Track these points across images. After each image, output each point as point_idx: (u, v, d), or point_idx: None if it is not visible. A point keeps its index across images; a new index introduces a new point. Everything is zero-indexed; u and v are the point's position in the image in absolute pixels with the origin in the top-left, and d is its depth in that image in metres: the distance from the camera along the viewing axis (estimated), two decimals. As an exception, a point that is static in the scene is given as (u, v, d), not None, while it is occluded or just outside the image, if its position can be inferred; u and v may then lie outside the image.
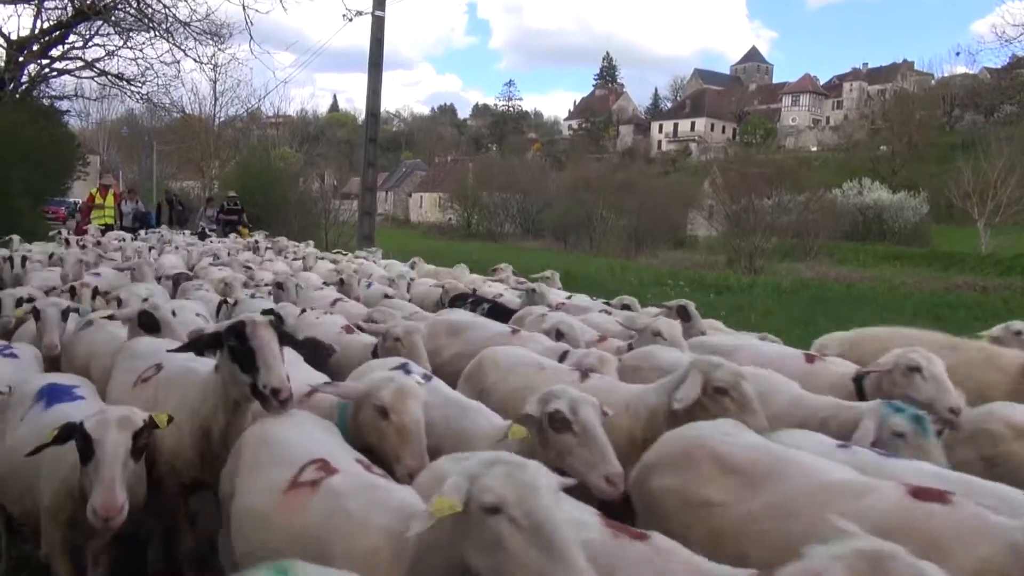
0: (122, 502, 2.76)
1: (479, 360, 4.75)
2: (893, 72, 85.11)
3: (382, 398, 3.24)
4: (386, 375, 3.49)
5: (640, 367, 4.78)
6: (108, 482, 2.78)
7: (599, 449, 3.01)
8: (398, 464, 3.13)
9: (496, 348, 4.87)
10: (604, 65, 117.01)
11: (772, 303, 15.82)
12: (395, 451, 3.17)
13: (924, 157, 61.19)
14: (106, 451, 2.83)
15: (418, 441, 3.16)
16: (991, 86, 65.34)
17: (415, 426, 3.19)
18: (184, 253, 12.46)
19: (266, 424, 3.20)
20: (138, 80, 21.04)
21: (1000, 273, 30.88)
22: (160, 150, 49.33)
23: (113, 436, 2.86)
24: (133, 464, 2.95)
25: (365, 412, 3.34)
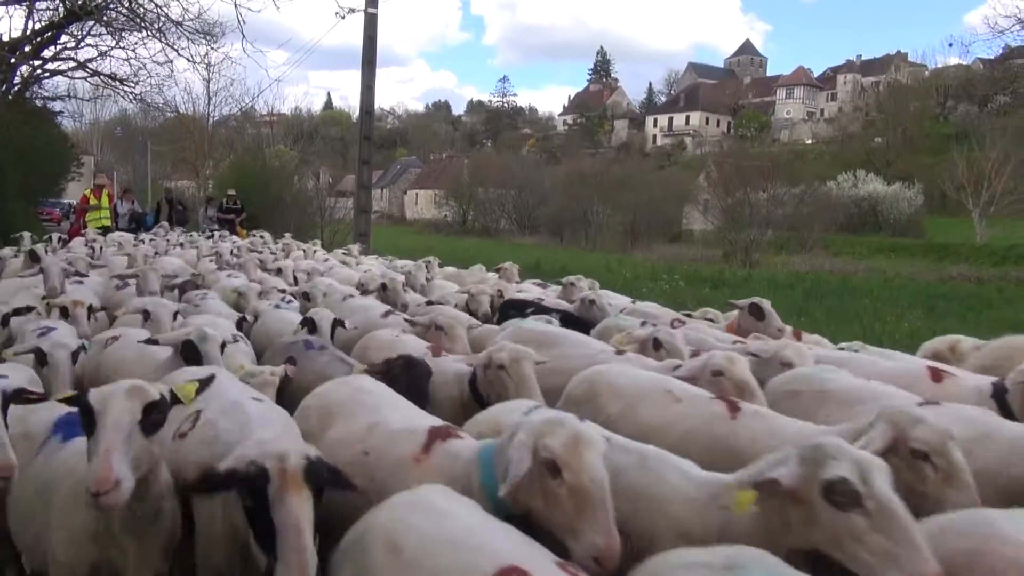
0: (119, 476, 2.35)
1: (589, 384, 3.92)
2: (887, 64, 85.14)
3: (552, 449, 2.45)
4: (551, 416, 2.66)
5: (800, 392, 3.93)
6: (103, 452, 2.38)
7: (903, 535, 2.16)
8: (576, 541, 2.38)
9: (608, 369, 4.07)
10: (598, 60, 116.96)
11: (768, 296, 15.82)
12: (570, 523, 2.40)
13: (918, 148, 61.29)
14: (107, 418, 2.46)
15: (603, 509, 2.39)
16: (984, 77, 65.41)
17: (598, 488, 2.41)
18: (191, 252, 11.81)
19: (393, 524, 2.29)
20: (131, 80, 20.96)
21: (995, 264, 31.01)
22: (154, 150, 49.18)
23: (119, 403, 2.50)
24: (143, 440, 2.53)
25: None
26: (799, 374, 4.11)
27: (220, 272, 8.98)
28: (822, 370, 4.09)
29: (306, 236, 20.93)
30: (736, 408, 3.45)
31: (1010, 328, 11.60)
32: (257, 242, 13.42)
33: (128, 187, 25.28)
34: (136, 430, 2.50)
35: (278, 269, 9.51)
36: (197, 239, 14.50)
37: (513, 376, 3.93)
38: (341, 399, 3.43)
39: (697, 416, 3.45)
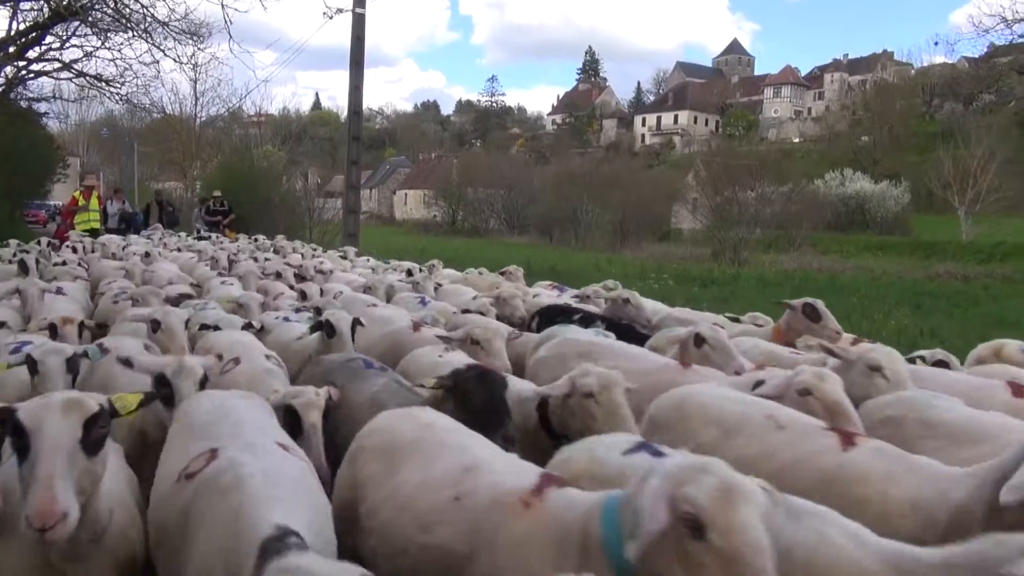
0: (65, 507, 2.06)
1: (677, 407, 3.44)
2: (873, 62, 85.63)
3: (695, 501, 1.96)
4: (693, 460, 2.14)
5: (903, 419, 3.34)
6: (45, 480, 2.08)
7: None
8: None
9: (698, 391, 3.56)
10: (587, 59, 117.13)
11: (756, 295, 15.92)
12: None
13: (905, 147, 61.69)
14: (44, 441, 2.15)
15: None
16: (970, 75, 65.90)
17: (755, 555, 1.89)
18: (186, 256, 11.34)
19: None
20: (117, 81, 20.79)
21: (980, 261, 31.27)
22: (141, 151, 48.89)
23: (55, 421, 2.18)
24: (86, 460, 2.22)
25: None
26: (903, 398, 3.52)
27: (217, 279, 8.60)
28: (932, 395, 3.50)
29: (294, 237, 20.82)
30: (851, 441, 2.91)
31: (997, 325, 11.73)
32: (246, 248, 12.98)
33: (118, 187, 25.03)
34: (78, 450, 2.19)
35: (277, 273, 8.95)
36: (193, 243, 14.22)
37: (604, 405, 3.40)
38: (410, 436, 2.93)
39: (803, 447, 2.95)
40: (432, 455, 2.78)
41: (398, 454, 2.85)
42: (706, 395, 3.48)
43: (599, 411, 3.39)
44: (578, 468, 2.73)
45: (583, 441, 3.03)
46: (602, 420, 3.37)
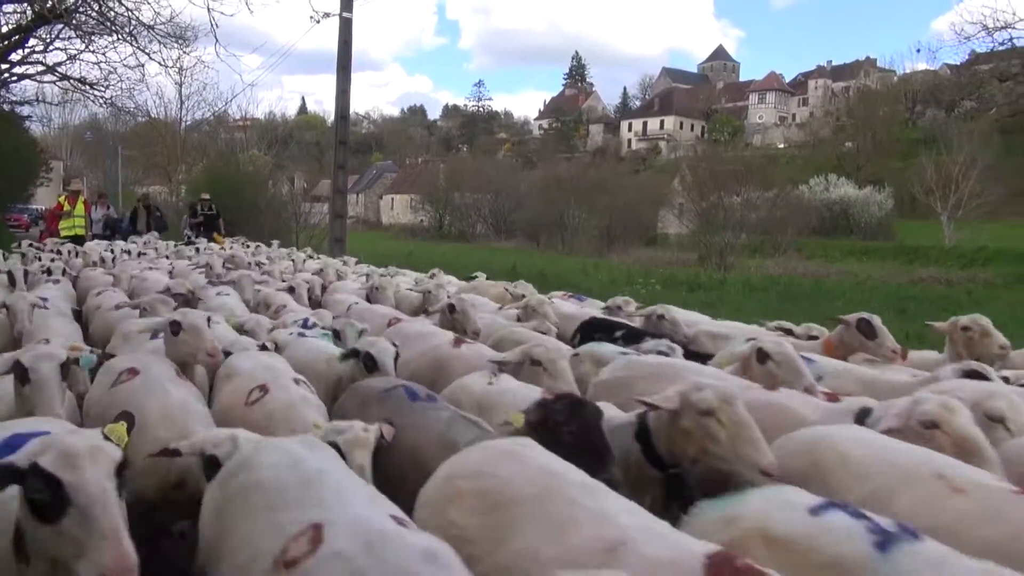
0: (135, 560, 1.92)
1: (812, 455, 2.87)
2: (856, 69, 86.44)
3: None
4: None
5: None
6: (113, 534, 1.91)
7: None
8: None
9: (837, 434, 2.97)
10: (573, 64, 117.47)
11: (743, 299, 16.01)
12: None
13: (888, 152, 62.27)
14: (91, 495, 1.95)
15: None
16: (951, 82, 66.58)
17: None
18: (180, 266, 10.56)
19: None
20: (101, 84, 20.61)
21: (963, 266, 31.61)
22: (125, 155, 48.59)
23: (93, 472, 1.99)
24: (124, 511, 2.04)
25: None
26: None
27: (211, 288, 7.84)
28: None
29: (281, 241, 20.79)
30: None
31: (979, 329, 11.83)
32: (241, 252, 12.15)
33: (102, 191, 24.72)
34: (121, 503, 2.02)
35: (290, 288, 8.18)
36: (181, 249, 13.71)
37: (728, 424, 2.85)
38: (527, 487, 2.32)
39: (998, 521, 2.29)
40: (562, 520, 2.19)
41: (512, 509, 2.28)
42: (848, 441, 2.86)
43: (723, 432, 2.85)
44: (747, 532, 2.21)
45: (742, 496, 2.42)
46: (728, 443, 2.84)
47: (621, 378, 4.21)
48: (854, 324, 5.18)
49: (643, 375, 4.09)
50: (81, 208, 16.21)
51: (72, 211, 15.94)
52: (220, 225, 18.97)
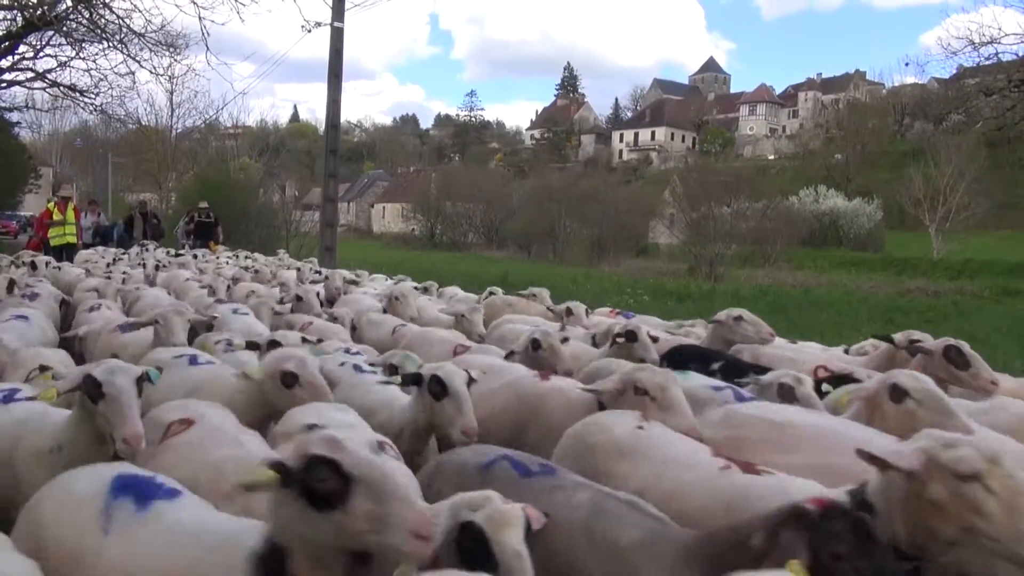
0: None
1: None
2: (846, 82, 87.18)
3: None
4: None
5: None
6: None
7: None
8: None
9: None
10: (565, 75, 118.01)
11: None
12: None
13: (877, 164, 62.72)
14: None
15: None
16: (939, 96, 67.21)
17: None
18: (179, 279, 9.69)
19: None
20: (91, 91, 20.53)
21: (951, 277, 31.85)
22: (115, 162, 48.41)
23: None
24: None
25: None
26: None
27: (226, 306, 6.82)
28: None
29: (271, 249, 20.75)
30: None
31: (966, 341, 11.93)
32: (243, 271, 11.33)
33: (93, 198, 24.49)
34: None
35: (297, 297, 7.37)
36: (185, 259, 13.00)
37: (1001, 491, 2.06)
38: None
39: None
40: None
41: None
42: None
43: (993, 504, 2.05)
44: None
45: None
46: (1001, 520, 2.04)
47: (732, 438, 3.21)
48: (940, 353, 4.30)
49: (757, 433, 3.17)
50: (72, 215, 15.66)
51: (64, 218, 15.36)
52: (218, 233, 18.59)
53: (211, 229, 18.48)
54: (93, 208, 18.96)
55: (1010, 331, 13.42)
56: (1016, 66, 20.44)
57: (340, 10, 17.35)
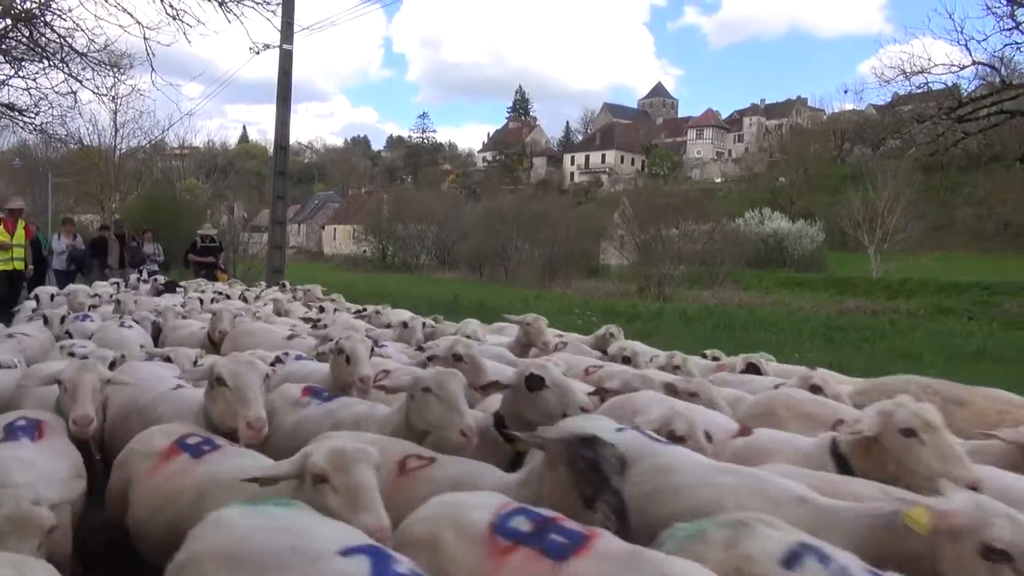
0: None
1: None
2: (788, 108, 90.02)
3: None
4: None
5: None
6: None
7: None
8: None
9: None
10: (517, 98, 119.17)
11: (680, 329, 16.36)
12: None
13: (819, 187, 64.71)
14: None
15: None
16: (876, 122, 69.84)
17: None
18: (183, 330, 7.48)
19: None
20: (31, 111, 19.95)
21: (889, 297, 32.94)
22: (55, 182, 47.12)
23: None
24: None
25: None
26: None
27: None
28: None
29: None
30: None
31: (901, 358, 12.37)
32: None
33: (68, 216, 21.48)
34: None
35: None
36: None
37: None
38: None
39: None
40: None
41: None
42: None
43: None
44: None
45: None
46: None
47: None
48: None
49: None
50: (22, 235, 12.52)
51: (10, 240, 12.26)
52: (221, 260, 17.23)
53: (216, 255, 16.96)
54: (67, 229, 16.25)
55: (941, 348, 13.94)
56: (945, 95, 21.32)
57: (289, 33, 17.32)
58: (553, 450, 2.59)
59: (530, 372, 3.56)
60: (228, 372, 3.40)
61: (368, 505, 2.38)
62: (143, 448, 3.28)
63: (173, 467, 3.09)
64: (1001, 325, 21.74)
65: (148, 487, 3.10)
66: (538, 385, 3.52)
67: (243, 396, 3.33)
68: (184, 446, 3.17)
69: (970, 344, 14.81)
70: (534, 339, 6.53)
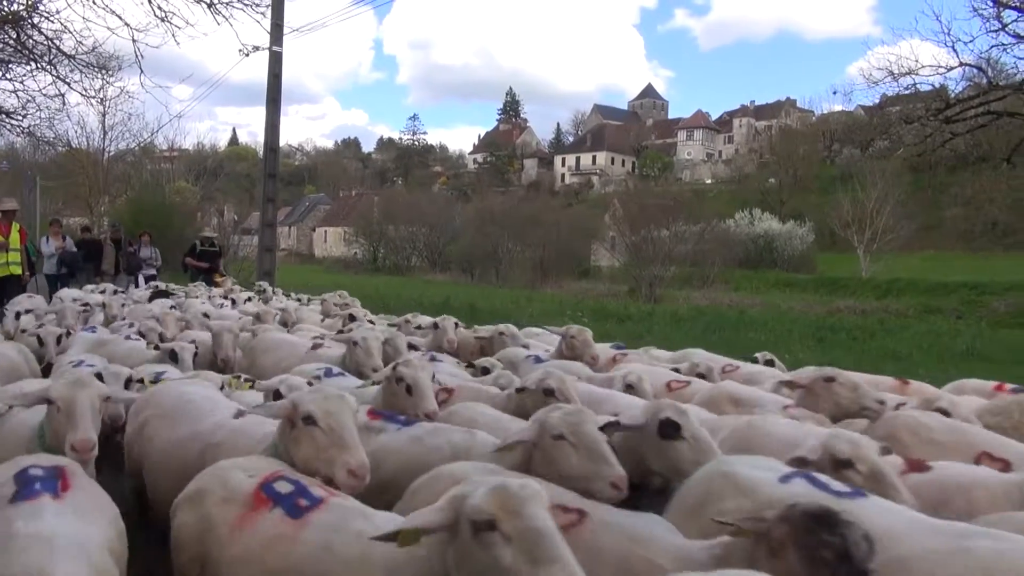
0: None
1: None
2: (778, 109, 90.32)
3: None
4: None
5: None
6: None
7: None
8: None
9: None
10: (508, 100, 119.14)
11: (671, 330, 16.41)
12: None
13: (808, 188, 64.97)
14: None
15: None
16: (865, 123, 70.17)
17: None
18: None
19: None
20: (18, 113, 19.81)
21: (878, 297, 33.12)
22: (44, 185, 46.81)
23: None
24: None
25: None
26: None
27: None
28: None
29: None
30: None
31: (890, 358, 12.43)
32: None
33: (56, 217, 20.88)
34: None
35: None
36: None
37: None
38: None
39: None
40: None
41: None
42: None
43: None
44: None
45: None
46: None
47: None
48: None
49: None
50: (16, 238, 11.92)
51: (6, 243, 11.71)
52: (220, 264, 16.68)
53: (215, 259, 16.40)
54: (55, 231, 15.61)
55: (930, 348, 14.04)
56: (933, 96, 21.45)
57: (278, 35, 17.28)
58: (781, 534, 2.08)
59: (667, 417, 3.11)
60: (320, 411, 2.91)
61: (554, 556, 1.92)
62: (221, 489, 2.70)
63: (268, 527, 2.52)
64: (989, 324, 21.95)
65: (241, 550, 2.51)
66: (673, 433, 3.08)
67: (339, 438, 2.87)
68: (275, 496, 2.61)
69: (958, 343, 14.93)
70: (580, 352, 6.03)
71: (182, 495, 2.84)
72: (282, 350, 5.97)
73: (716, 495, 2.65)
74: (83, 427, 3.07)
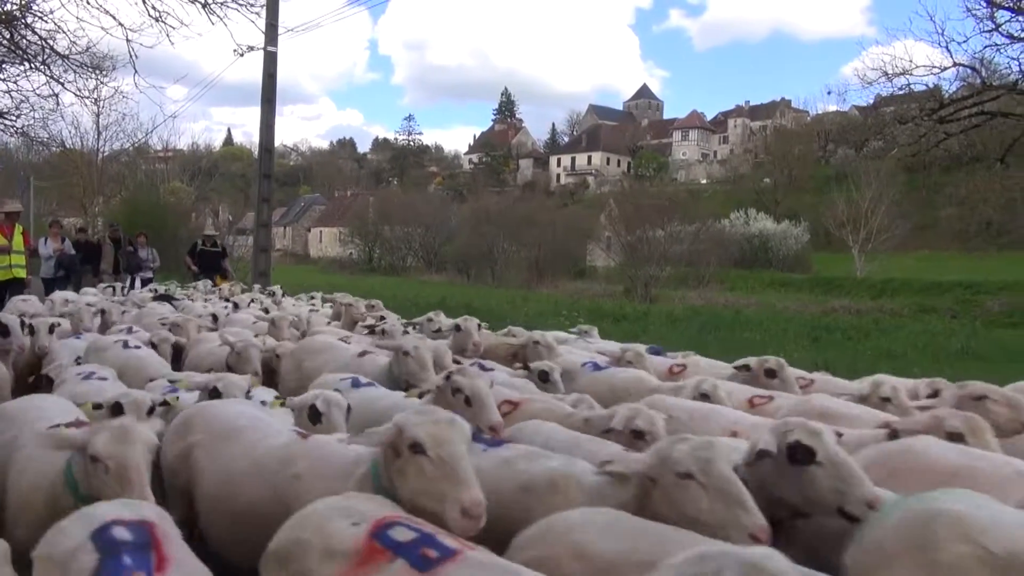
0: None
1: None
2: (772, 109, 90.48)
3: None
4: None
5: None
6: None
7: None
8: None
9: None
10: (503, 100, 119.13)
11: (666, 330, 16.42)
12: None
13: (803, 188, 65.09)
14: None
15: None
16: (859, 123, 70.32)
17: None
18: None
19: None
20: (12, 113, 19.75)
21: (873, 296, 33.21)
22: (38, 185, 46.68)
23: None
24: None
25: None
26: None
27: None
28: None
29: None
30: None
31: (885, 357, 12.46)
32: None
33: (56, 219, 20.47)
34: None
35: None
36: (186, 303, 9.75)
37: None
38: None
39: None
40: None
41: None
42: None
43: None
44: None
45: None
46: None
47: None
48: None
49: None
50: (20, 240, 11.54)
51: (9, 245, 11.22)
52: (226, 266, 15.90)
53: (217, 260, 15.63)
54: (55, 232, 15.12)
55: (925, 347, 14.07)
56: (927, 96, 21.53)
57: (273, 35, 17.25)
58: None
59: (797, 440, 2.69)
60: (430, 438, 2.54)
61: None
62: (321, 540, 2.20)
63: None
64: (984, 324, 22.01)
65: None
66: (806, 459, 2.66)
67: (452, 471, 2.50)
68: (392, 545, 2.09)
69: (953, 343, 14.96)
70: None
71: (270, 550, 2.32)
72: (326, 355, 5.62)
73: (935, 540, 2.18)
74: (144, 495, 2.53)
